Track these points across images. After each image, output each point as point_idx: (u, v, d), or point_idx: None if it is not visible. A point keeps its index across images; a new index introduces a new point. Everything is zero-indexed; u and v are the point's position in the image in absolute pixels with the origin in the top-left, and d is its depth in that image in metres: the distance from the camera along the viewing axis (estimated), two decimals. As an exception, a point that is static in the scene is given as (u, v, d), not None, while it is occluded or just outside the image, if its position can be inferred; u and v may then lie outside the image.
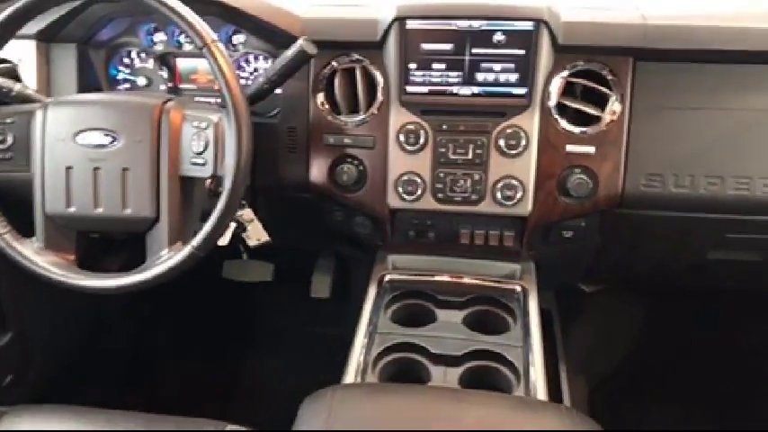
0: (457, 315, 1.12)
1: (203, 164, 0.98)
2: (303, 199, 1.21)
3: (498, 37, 1.06)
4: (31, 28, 1.15)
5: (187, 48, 1.25)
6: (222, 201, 0.94)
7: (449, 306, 1.14)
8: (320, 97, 1.16)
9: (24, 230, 1.03)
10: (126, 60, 1.29)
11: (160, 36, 1.26)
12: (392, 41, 1.10)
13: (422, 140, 1.13)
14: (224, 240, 1.04)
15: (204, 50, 0.93)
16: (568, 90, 1.10)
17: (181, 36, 1.25)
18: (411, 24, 1.08)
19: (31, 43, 1.19)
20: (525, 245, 1.19)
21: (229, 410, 1.60)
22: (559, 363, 1.44)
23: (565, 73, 1.09)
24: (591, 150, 1.10)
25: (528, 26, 1.05)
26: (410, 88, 1.11)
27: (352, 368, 1.00)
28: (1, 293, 1.23)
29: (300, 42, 1.03)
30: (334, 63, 1.14)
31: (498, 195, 1.13)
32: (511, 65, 1.08)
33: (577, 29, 1.07)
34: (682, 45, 1.06)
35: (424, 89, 1.11)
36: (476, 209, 1.15)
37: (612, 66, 1.08)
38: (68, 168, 1.00)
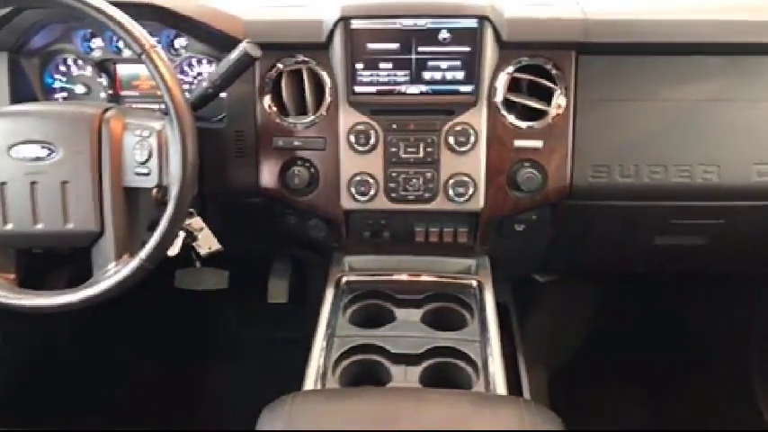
0: (415, 313, 1.12)
1: (147, 173, 0.96)
2: (254, 204, 1.19)
3: (443, 35, 1.07)
4: (-43, 38, 1.09)
5: (127, 53, 1.21)
6: (169, 211, 0.92)
7: (407, 305, 1.14)
8: (267, 100, 1.14)
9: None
10: (62, 68, 1.24)
11: (97, 42, 1.21)
12: (338, 42, 1.09)
13: (372, 140, 1.12)
14: (173, 250, 1.02)
15: (143, 57, 0.90)
16: (514, 86, 1.12)
17: (120, 41, 1.21)
18: (356, 24, 1.07)
19: (-42, 54, 1.14)
20: (479, 240, 1.21)
21: (189, 422, 1.58)
22: (518, 354, 1.46)
23: (510, 69, 1.10)
24: (539, 144, 1.12)
25: (472, 23, 1.06)
26: (358, 88, 1.11)
27: (311, 373, 0.99)
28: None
29: (243, 45, 1.01)
30: (279, 65, 1.12)
31: (450, 192, 1.13)
32: (457, 62, 1.08)
33: (521, 25, 1.08)
34: (621, 38, 1.08)
35: (372, 89, 1.11)
36: (429, 207, 1.15)
37: (556, 60, 1.10)
38: (2, 184, 0.95)
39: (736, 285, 1.60)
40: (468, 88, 1.10)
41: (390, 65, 1.09)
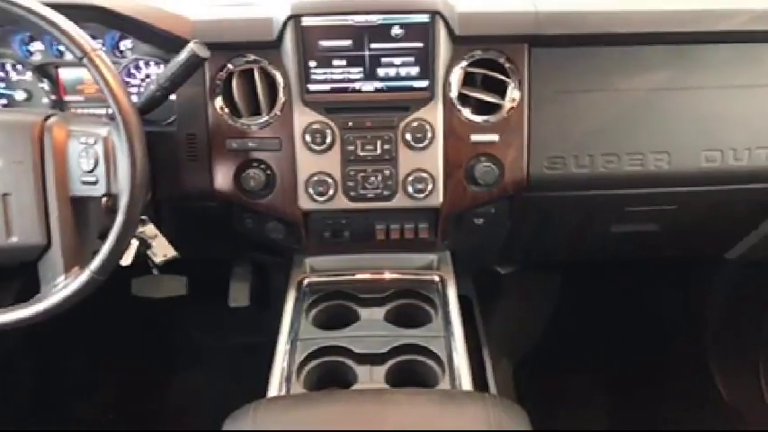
0: (379, 312, 1.12)
1: (95, 182, 0.92)
2: (210, 208, 1.17)
3: (396, 31, 1.06)
4: None
5: (70, 56, 1.16)
6: (119, 220, 0.88)
7: (370, 303, 1.13)
8: (218, 101, 1.11)
9: None
10: (0, 74, 1.18)
11: (37, 45, 1.16)
12: (289, 40, 1.07)
13: (329, 139, 1.11)
14: (126, 260, 0.99)
15: (84, 61, 0.87)
16: (469, 80, 1.12)
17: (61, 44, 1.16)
18: (307, 21, 1.05)
19: None
20: (440, 235, 1.21)
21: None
22: (482, 347, 1.48)
23: (464, 63, 1.10)
24: (495, 138, 1.12)
25: (424, 19, 1.05)
26: (312, 87, 1.09)
27: (275, 378, 0.98)
28: None
29: (191, 46, 0.98)
30: (230, 65, 1.10)
31: (410, 189, 1.13)
32: (411, 58, 1.08)
33: (472, 19, 1.08)
34: (571, 30, 1.09)
35: (327, 87, 1.09)
36: (389, 204, 1.14)
37: (509, 53, 1.10)
38: None
39: (690, 268, 1.64)
40: (422, 84, 1.09)
41: (344, 62, 1.08)
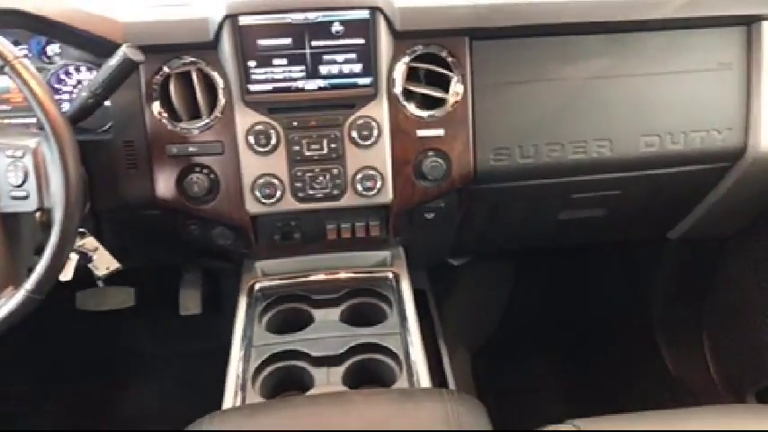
0: (334, 312, 1.11)
1: (25, 197, 0.87)
2: (153, 217, 1.13)
3: (336, 27, 1.04)
4: None
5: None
6: (54, 235, 0.84)
7: (324, 304, 1.12)
8: (156, 106, 1.07)
9: None
10: None
11: (-45, 53, 1.10)
12: (226, 40, 1.04)
13: (273, 140, 1.08)
14: (66, 276, 0.94)
15: (6, 69, 0.82)
16: (412, 75, 1.11)
17: None
18: (244, 21, 1.02)
19: None
20: (392, 232, 1.20)
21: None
22: (439, 340, 1.48)
23: (406, 59, 1.09)
24: (441, 133, 1.12)
25: (364, 15, 1.04)
26: (253, 87, 1.06)
27: (230, 388, 0.96)
28: None
29: (123, 50, 0.94)
30: (165, 68, 1.06)
31: (359, 187, 1.12)
32: (353, 55, 1.06)
33: (412, 14, 1.07)
34: (510, 22, 1.10)
35: (268, 87, 1.07)
36: (338, 203, 1.13)
37: (450, 47, 1.10)
38: None
39: (635, 249, 1.69)
40: (366, 81, 1.08)
41: (285, 61, 1.05)
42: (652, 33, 1.15)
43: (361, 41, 1.06)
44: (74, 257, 0.98)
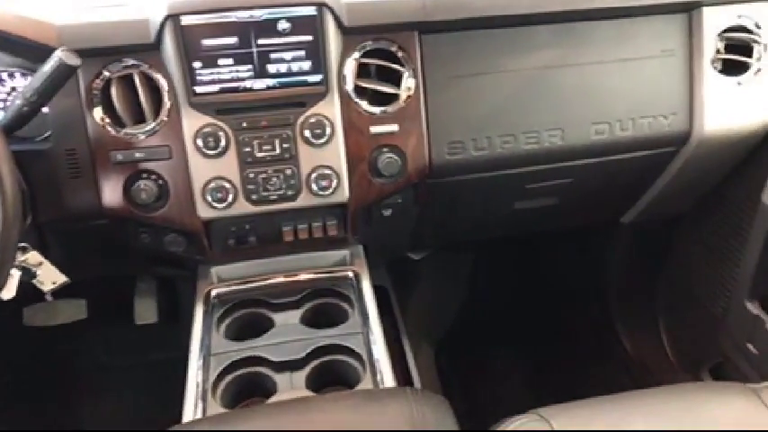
0: (294, 315, 1.09)
1: (-41, 213, 0.83)
2: (101, 226, 1.09)
3: (283, 25, 1.02)
4: None
5: None
6: (-9, 253, 0.80)
7: (284, 308, 1.10)
8: (97, 111, 1.03)
9: None
10: None
11: None
12: (169, 41, 1.00)
13: (223, 142, 1.05)
14: (8, 294, 0.90)
15: None
16: (363, 71, 1.10)
17: None
18: (186, 21, 0.99)
19: None
20: (350, 230, 1.19)
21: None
22: (402, 336, 1.48)
23: (356, 55, 1.08)
24: (394, 128, 1.11)
25: (311, 11, 1.02)
26: (199, 89, 1.03)
27: (189, 399, 0.93)
28: None
29: (58, 54, 0.90)
30: (106, 72, 1.02)
31: (314, 187, 1.10)
32: (301, 52, 1.04)
33: (360, 9, 1.06)
34: (458, 15, 1.09)
35: (215, 88, 1.04)
36: (294, 204, 1.11)
37: (400, 42, 1.09)
38: None
39: (590, 235, 1.73)
40: (316, 78, 1.06)
41: (231, 61, 1.03)
42: (599, 23, 1.17)
43: (309, 38, 1.04)
44: (15, 274, 0.93)
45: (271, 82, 1.05)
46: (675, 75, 1.21)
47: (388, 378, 0.95)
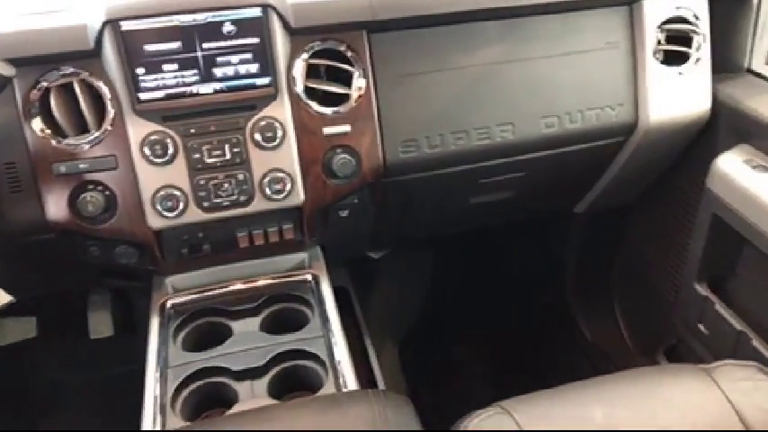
0: (253, 322, 1.07)
1: None
2: (47, 241, 1.05)
3: (228, 28, 1.00)
4: None
5: None
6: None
7: (242, 315, 1.08)
8: (37, 123, 0.99)
9: None
10: None
11: None
12: (109, 47, 0.97)
13: (171, 149, 1.03)
14: (-51, 317, 0.86)
15: None
16: (313, 72, 1.09)
17: None
18: (127, 26, 0.96)
19: None
20: (306, 233, 1.18)
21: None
22: (364, 337, 1.48)
23: (305, 55, 1.07)
24: (347, 129, 1.10)
25: (256, 13, 1.00)
26: (144, 95, 1.00)
27: (147, 414, 0.91)
28: None
29: (-10, 64, 0.86)
30: (43, 81, 0.98)
31: (267, 191, 1.08)
32: (248, 55, 1.02)
33: (306, 10, 1.05)
34: (405, 13, 1.09)
35: (160, 94, 1.01)
36: (247, 210, 1.09)
37: (349, 42, 1.09)
38: None
39: (545, 226, 1.76)
40: (265, 80, 1.04)
41: (176, 66, 1.00)
42: (544, 17, 1.18)
43: (255, 41, 1.02)
44: (-43, 295, 0.90)
45: (218, 86, 1.03)
46: (620, 66, 1.23)
47: (351, 381, 0.95)
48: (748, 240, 1.17)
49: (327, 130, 1.10)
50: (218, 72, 1.02)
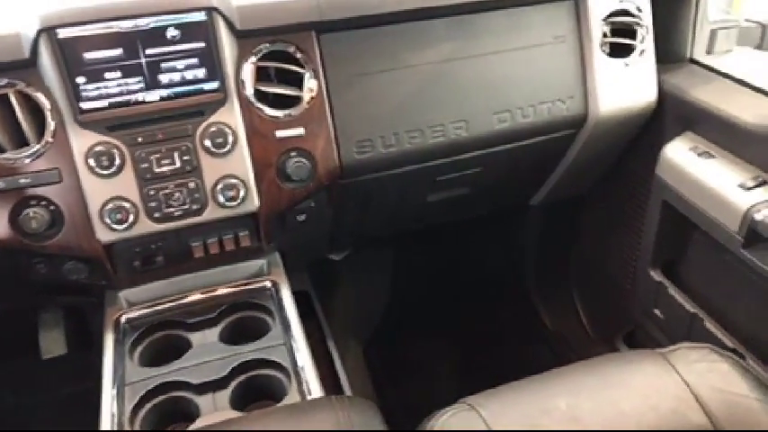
0: (212, 333, 1.05)
1: None
2: None
3: (172, 33, 0.97)
4: None
5: None
6: None
7: (201, 327, 1.06)
8: (-29, 137, 0.95)
9: None
10: None
11: None
12: (46, 56, 0.93)
13: (118, 160, 0.99)
14: None
15: None
16: (263, 75, 1.07)
17: None
18: (64, 33, 0.92)
19: None
20: (264, 239, 1.16)
21: None
22: (328, 340, 1.46)
23: (253, 58, 1.05)
24: (300, 131, 1.09)
25: (200, 17, 0.98)
26: (86, 105, 0.97)
27: (105, 435, 0.88)
28: None
29: None
30: (-25, 94, 0.94)
31: (221, 198, 1.06)
32: (194, 60, 1.00)
33: (252, 12, 1.02)
34: (353, 13, 1.08)
35: (104, 103, 0.97)
36: (201, 218, 1.06)
37: (298, 43, 1.07)
38: None
39: (503, 219, 1.77)
40: (213, 85, 1.02)
41: (119, 74, 0.97)
42: (492, 13, 1.19)
43: (201, 45, 0.99)
44: None
45: (164, 93, 1.00)
46: (568, 60, 1.25)
47: (315, 387, 0.93)
48: (697, 225, 1.21)
49: (280, 134, 1.08)
50: (163, 78, 0.99)
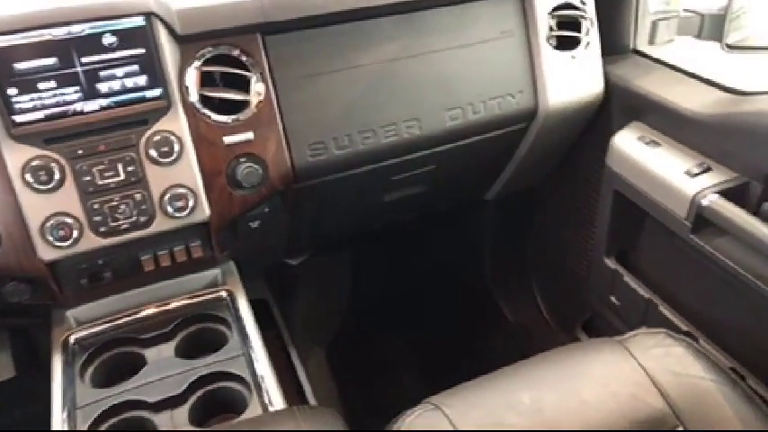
0: (167, 348, 1.02)
1: None
2: None
3: (109, 39, 0.93)
4: None
5: None
6: None
7: (155, 342, 1.03)
8: None
9: None
10: None
11: None
12: (-29, 68, 0.88)
13: (57, 175, 0.95)
14: None
15: None
16: (208, 80, 1.03)
17: None
18: (-9, 43, 0.88)
19: None
20: (216, 249, 1.13)
21: None
22: (289, 347, 1.44)
23: (197, 63, 1.01)
24: (250, 136, 1.06)
25: (138, 22, 0.94)
26: (19, 118, 0.92)
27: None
28: None
29: None
30: None
31: (169, 209, 1.02)
32: (134, 67, 0.96)
33: (193, 15, 0.99)
34: (299, 13, 1.06)
35: (39, 115, 0.93)
36: (149, 231, 1.03)
37: (243, 46, 1.04)
38: None
39: (460, 214, 1.78)
40: (155, 93, 0.98)
41: (53, 84, 0.92)
42: (438, 10, 1.18)
43: (140, 51, 0.96)
44: None
45: (104, 102, 0.96)
46: (517, 54, 1.26)
47: (276, 398, 0.92)
48: (647, 213, 1.23)
49: (228, 140, 1.05)
50: (102, 87, 0.95)
